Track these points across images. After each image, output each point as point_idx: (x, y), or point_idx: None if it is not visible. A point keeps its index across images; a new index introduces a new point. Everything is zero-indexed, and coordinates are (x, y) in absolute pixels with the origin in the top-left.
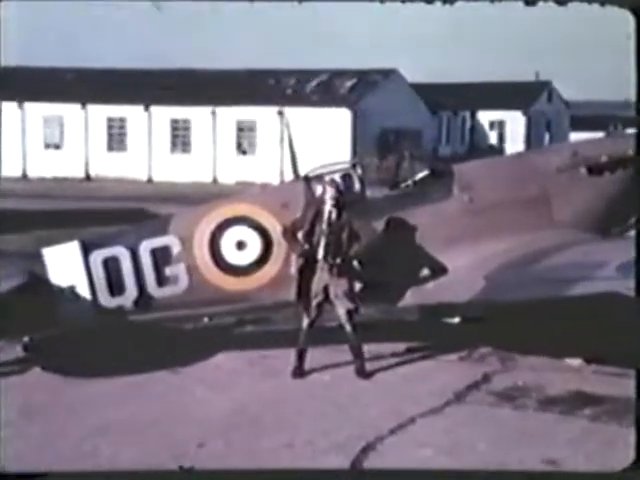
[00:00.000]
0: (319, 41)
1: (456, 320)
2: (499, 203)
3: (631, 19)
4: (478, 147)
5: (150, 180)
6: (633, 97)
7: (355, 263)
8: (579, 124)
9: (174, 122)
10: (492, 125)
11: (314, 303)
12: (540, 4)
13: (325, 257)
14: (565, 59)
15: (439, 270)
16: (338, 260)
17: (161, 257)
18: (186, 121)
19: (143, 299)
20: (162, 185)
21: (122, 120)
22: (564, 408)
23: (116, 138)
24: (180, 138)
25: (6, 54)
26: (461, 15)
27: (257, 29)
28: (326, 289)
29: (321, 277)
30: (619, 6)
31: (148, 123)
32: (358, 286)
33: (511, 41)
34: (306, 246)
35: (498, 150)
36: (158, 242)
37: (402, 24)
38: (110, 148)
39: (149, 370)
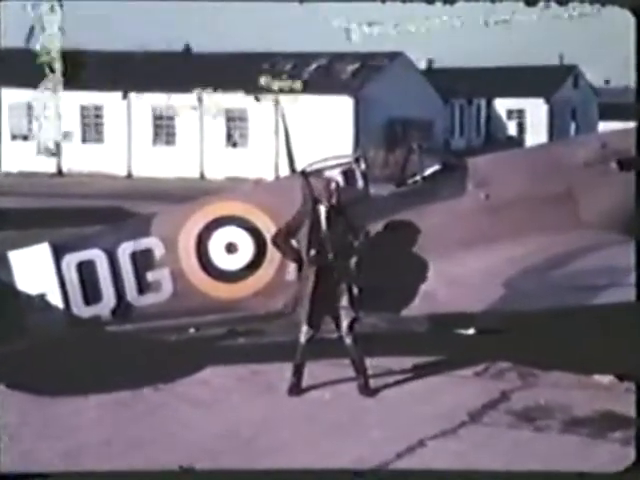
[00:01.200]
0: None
1: (470, 331)
2: (518, 201)
3: (631, 19)
4: (495, 139)
5: (129, 175)
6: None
7: (355, 267)
8: (609, 112)
9: (156, 110)
10: (511, 114)
11: (322, 314)
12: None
13: (332, 261)
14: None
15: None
16: (343, 263)
17: (142, 261)
18: (170, 109)
19: (122, 308)
20: (143, 181)
21: (98, 108)
22: (592, 430)
23: (91, 128)
24: (163, 128)
25: None
26: None
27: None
28: (332, 297)
29: (330, 284)
30: (619, 6)
31: (127, 112)
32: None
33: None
34: (312, 251)
35: (517, 142)
36: (139, 244)
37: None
38: (84, 139)
39: (128, 387)
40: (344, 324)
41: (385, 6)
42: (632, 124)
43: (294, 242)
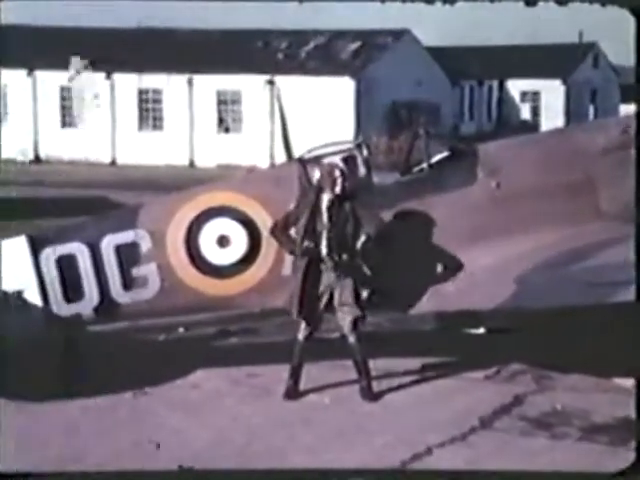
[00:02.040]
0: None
1: (481, 331)
2: (533, 190)
3: (631, 19)
4: (508, 123)
5: (114, 162)
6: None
7: (361, 262)
8: (631, 95)
9: (142, 93)
10: (525, 96)
11: (320, 309)
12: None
13: (329, 254)
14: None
15: (458, 270)
16: (344, 257)
17: (127, 255)
18: (157, 91)
19: (105, 306)
20: (128, 169)
21: (79, 90)
22: (613, 438)
23: (71, 112)
24: (150, 112)
25: None
26: None
27: None
28: (331, 292)
29: (326, 278)
30: (619, 6)
31: (111, 93)
32: (365, 290)
33: None
34: (307, 243)
35: (532, 126)
36: (124, 237)
37: None
38: (64, 124)
39: (112, 391)
40: (347, 322)
41: None
42: None
43: (293, 233)
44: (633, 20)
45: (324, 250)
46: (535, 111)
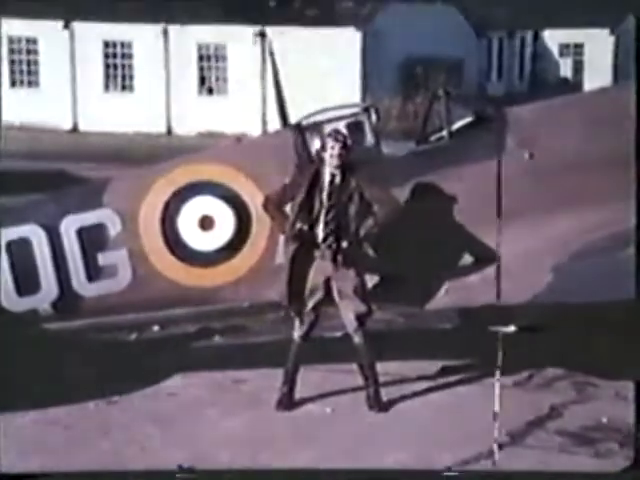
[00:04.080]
0: None
1: (511, 329)
2: (573, 162)
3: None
4: (544, 82)
5: (75, 129)
6: None
7: (368, 248)
8: None
9: (108, 46)
10: (565, 50)
11: (310, 305)
12: None
13: (326, 239)
14: None
15: (486, 257)
16: (344, 243)
17: (92, 240)
18: (126, 45)
19: (66, 300)
20: (92, 137)
21: (31, 41)
22: None
23: (23, 68)
24: (118, 70)
25: None
26: None
27: None
28: (327, 285)
29: (320, 268)
30: (622, 13)
31: (70, 47)
32: (372, 281)
33: None
34: (299, 224)
35: (573, 85)
36: (87, 218)
37: None
38: (14, 82)
39: (74, 400)
40: (350, 319)
41: None
42: None
43: (288, 210)
44: (633, 20)
45: (320, 234)
46: (577, 67)
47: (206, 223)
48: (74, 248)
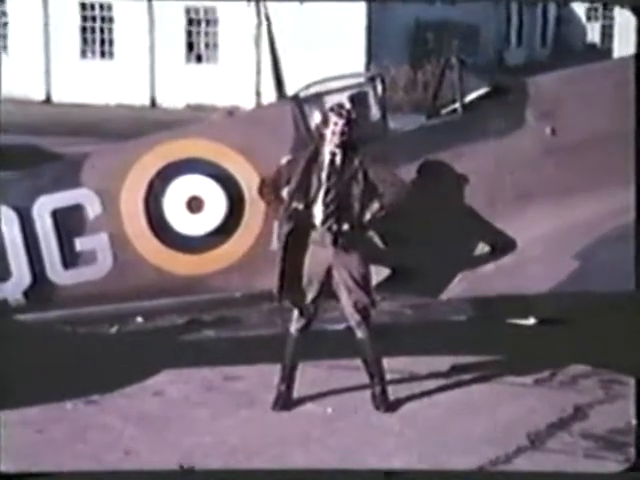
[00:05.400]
0: None
1: (531, 322)
2: (599, 138)
3: (631, 19)
4: (569, 49)
5: (48, 100)
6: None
7: (374, 235)
8: None
9: (86, 7)
10: (592, 13)
11: (309, 295)
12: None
13: (325, 221)
14: None
15: (504, 244)
16: (346, 226)
17: (69, 223)
18: (105, 7)
19: (39, 288)
20: (68, 108)
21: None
22: None
23: None
24: (96, 34)
25: None
26: None
27: None
28: (328, 273)
29: (319, 254)
30: (620, 6)
31: (43, 9)
32: (381, 272)
33: None
34: (295, 204)
35: (601, 52)
36: (63, 199)
37: None
38: None
39: (48, 400)
40: (351, 310)
41: None
42: None
43: (286, 194)
44: (634, 20)
45: (319, 216)
46: (605, 32)
47: (194, 205)
48: (48, 231)
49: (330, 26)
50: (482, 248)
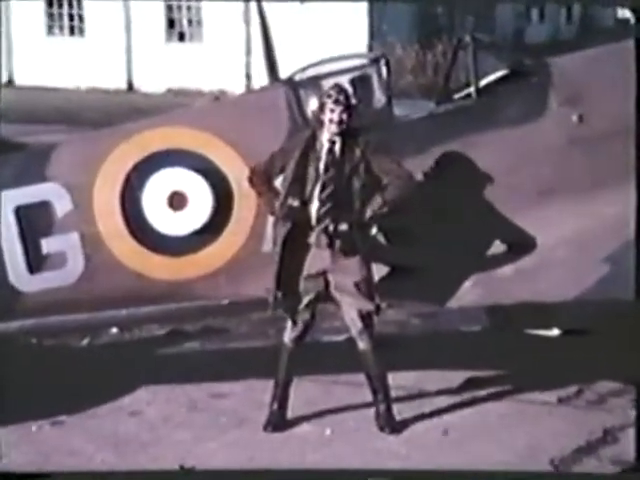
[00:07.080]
0: None
1: (554, 333)
2: (631, 126)
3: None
4: (596, 26)
5: (10, 82)
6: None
7: (376, 232)
8: None
9: None
10: None
11: (305, 301)
12: None
13: (320, 221)
14: None
15: (522, 243)
16: (343, 226)
17: (34, 222)
18: None
19: (1, 295)
20: (33, 92)
21: None
22: None
23: None
24: (64, 8)
25: None
26: None
27: None
28: (325, 277)
29: (317, 256)
30: (620, 6)
31: None
32: (381, 272)
33: None
34: (291, 200)
35: (632, 30)
36: (28, 195)
37: None
38: None
39: (11, 420)
40: (353, 319)
41: None
42: None
43: (279, 185)
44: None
45: (314, 214)
46: (638, 6)
47: (177, 201)
48: (11, 231)
49: (328, 2)
50: (498, 247)
